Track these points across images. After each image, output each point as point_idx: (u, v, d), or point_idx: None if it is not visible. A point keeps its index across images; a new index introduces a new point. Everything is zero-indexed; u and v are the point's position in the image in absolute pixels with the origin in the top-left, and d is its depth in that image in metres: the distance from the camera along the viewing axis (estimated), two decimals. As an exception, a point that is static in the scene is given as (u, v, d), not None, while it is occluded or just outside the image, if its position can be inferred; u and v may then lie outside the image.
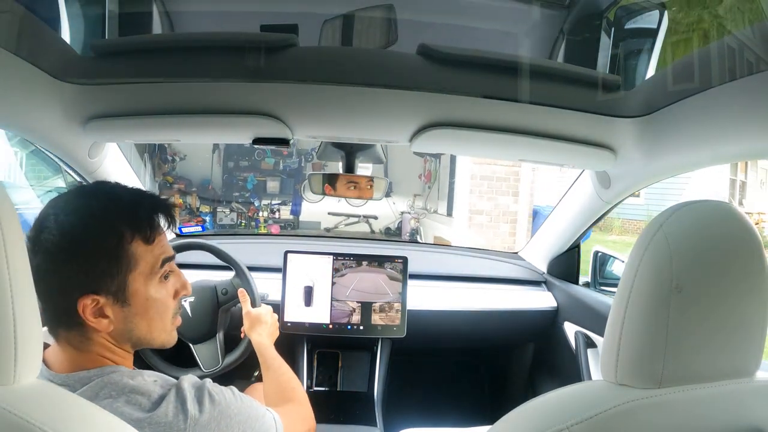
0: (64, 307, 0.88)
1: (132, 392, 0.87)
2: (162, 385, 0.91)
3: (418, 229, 9.13)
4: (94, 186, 0.99)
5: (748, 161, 11.98)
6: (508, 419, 0.76)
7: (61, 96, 1.21)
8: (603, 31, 1.32)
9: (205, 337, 1.76)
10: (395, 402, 2.24)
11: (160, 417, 0.85)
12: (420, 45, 1.13)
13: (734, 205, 0.88)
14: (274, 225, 9.56)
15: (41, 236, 0.87)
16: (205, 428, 0.88)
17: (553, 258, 2.30)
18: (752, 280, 0.71)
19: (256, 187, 9.77)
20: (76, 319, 0.88)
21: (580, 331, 2.00)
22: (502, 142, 1.34)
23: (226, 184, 9.83)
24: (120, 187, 0.99)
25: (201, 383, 0.94)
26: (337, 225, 9.60)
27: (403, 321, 2.00)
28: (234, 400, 0.95)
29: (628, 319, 0.71)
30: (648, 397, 0.69)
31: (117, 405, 0.85)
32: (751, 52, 0.95)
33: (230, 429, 0.91)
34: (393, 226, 9.60)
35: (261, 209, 9.69)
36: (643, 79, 1.27)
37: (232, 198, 9.71)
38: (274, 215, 9.73)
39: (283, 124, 1.30)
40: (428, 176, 9.27)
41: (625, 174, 1.58)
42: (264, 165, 9.81)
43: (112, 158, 1.72)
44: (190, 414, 0.87)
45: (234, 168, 9.85)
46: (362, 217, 9.61)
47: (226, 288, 1.80)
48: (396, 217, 9.51)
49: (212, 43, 1.17)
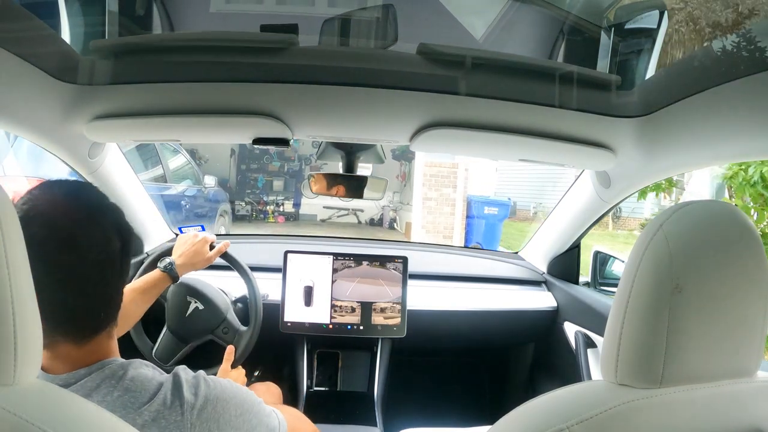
0: (119, 299, 0.94)
1: (129, 382, 0.87)
2: (159, 374, 0.91)
3: (395, 218, 12.22)
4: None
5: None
6: (508, 419, 0.76)
7: (62, 96, 1.21)
8: (603, 31, 1.31)
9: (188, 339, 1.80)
10: (395, 402, 2.24)
11: (158, 405, 0.86)
12: (420, 45, 1.13)
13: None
14: (279, 216, 12.46)
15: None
16: (202, 412, 0.88)
17: (553, 258, 2.30)
18: (752, 280, 0.71)
19: (265, 186, 12.78)
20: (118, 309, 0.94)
21: (580, 331, 2.00)
22: (503, 142, 1.34)
23: (240, 183, 12.62)
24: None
25: (197, 372, 0.95)
26: (330, 216, 12.44)
27: (403, 321, 2.00)
28: (229, 386, 0.95)
29: (628, 319, 0.71)
30: (648, 397, 0.69)
31: (115, 396, 0.85)
32: (750, 52, 0.95)
33: (226, 412, 0.91)
34: (376, 218, 12.55)
35: (269, 203, 12.54)
36: (643, 79, 1.27)
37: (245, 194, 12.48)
38: (279, 208, 12.57)
39: (283, 125, 1.30)
40: (403, 176, 12.13)
41: (625, 174, 1.58)
42: (271, 167, 12.84)
43: (113, 158, 1.72)
44: (187, 401, 0.87)
45: (246, 170, 12.82)
46: (351, 210, 12.45)
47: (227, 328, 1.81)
48: (378, 210, 12.41)
49: (212, 43, 1.17)
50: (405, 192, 11.82)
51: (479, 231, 9.54)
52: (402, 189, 12.15)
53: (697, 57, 1.15)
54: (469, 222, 9.88)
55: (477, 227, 9.61)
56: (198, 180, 6.90)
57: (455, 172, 9.82)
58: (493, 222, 9.59)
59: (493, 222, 9.59)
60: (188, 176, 6.71)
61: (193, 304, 1.76)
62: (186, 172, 6.69)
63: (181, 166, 6.55)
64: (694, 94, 1.06)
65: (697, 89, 1.05)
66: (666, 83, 1.19)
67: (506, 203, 10.12)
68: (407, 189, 11.46)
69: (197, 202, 6.60)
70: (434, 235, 9.73)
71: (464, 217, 9.89)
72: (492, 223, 9.58)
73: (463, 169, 9.93)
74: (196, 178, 6.92)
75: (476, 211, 9.63)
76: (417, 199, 10.09)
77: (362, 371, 2.13)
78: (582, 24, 1.37)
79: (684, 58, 1.23)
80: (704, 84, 1.03)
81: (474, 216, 9.67)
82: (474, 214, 9.68)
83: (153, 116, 1.29)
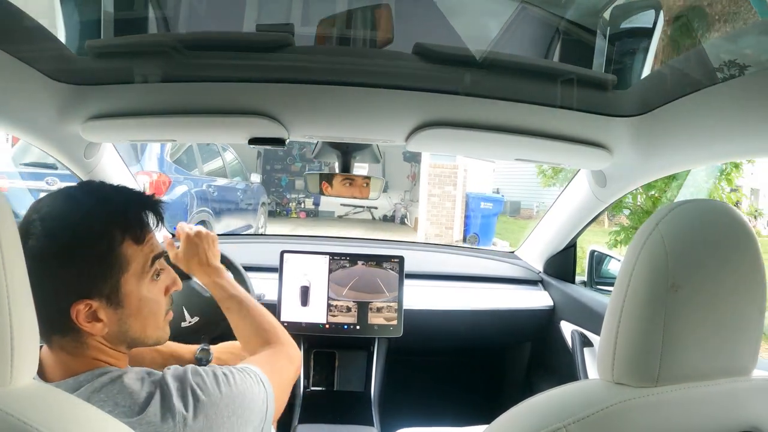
0: (57, 313, 0.86)
1: (119, 394, 0.86)
2: (147, 384, 0.89)
3: (406, 214, 13.82)
4: (79, 187, 0.96)
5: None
6: (505, 418, 0.76)
7: (57, 96, 1.21)
8: (599, 31, 1.32)
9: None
10: (392, 401, 2.24)
11: (150, 419, 0.85)
12: (416, 44, 1.13)
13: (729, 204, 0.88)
14: (301, 212, 14.23)
15: (28, 243, 0.84)
16: (195, 423, 0.87)
17: (550, 257, 2.30)
18: (748, 279, 0.71)
19: (288, 185, 14.43)
20: (70, 324, 0.87)
21: (576, 330, 2.00)
22: (499, 141, 1.34)
23: (266, 182, 13.06)
24: (107, 186, 0.97)
25: (183, 375, 0.92)
26: (347, 213, 14.17)
27: (400, 320, 2.00)
28: (216, 386, 0.93)
29: (625, 317, 0.71)
30: (644, 396, 0.69)
31: (106, 410, 0.83)
32: (745, 52, 0.95)
33: (219, 416, 0.90)
34: (389, 214, 14.10)
35: (291, 201, 14.37)
36: (639, 78, 1.27)
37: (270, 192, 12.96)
38: (300, 205, 14.36)
39: (279, 124, 1.30)
40: (413, 176, 13.67)
41: (621, 173, 1.58)
42: (293, 168, 14.46)
43: (108, 158, 1.72)
44: (178, 413, 0.86)
45: (271, 170, 14.41)
46: (366, 208, 14.07)
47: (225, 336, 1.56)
48: (391, 207, 13.99)
49: (208, 43, 1.16)
50: (414, 190, 13.19)
51: (476, 223, 11.15)
52: (412, 188, 13.60)
53: (692, 56, 1.15)
54: (467, 215, 11.35)
55: (474, 220, 11.20)
56: (245, 176, 8.23)
57: (455, 172, 11.21)
58: (488, 215, 11.20)
59: (488, 215, 11.20)
60: (238, 172, 7.96)
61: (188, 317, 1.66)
62: (235, 168, 7.90)
63: (230, 162, 7.72)
64: (689, 94, 1.07)
65: (692, 89, 1.05)
66: (662, 83, 1.19)
67: (500, 199, 11.83)
68: (416, 188, 12.87)
69: (245, 195, 7.94)
70: (437, 226, 11.21)
71: (463, 210, 11.32)
72: (487, 216, 11.19)
73: (462, 170, 11.32)
74: (244, 174, 8.23)
75: (474, 206, 11.20)
76: (423, 196, 11.52)
77: (359, 371, 2.13)
78: (577, 23, 1.37)
79: (679, 57, 1.23)
80: (700, 83, 1.03)
81: (472, 210, 11.26)
82: (472, 209, 11.25)
83: (149, 116, 1.29)
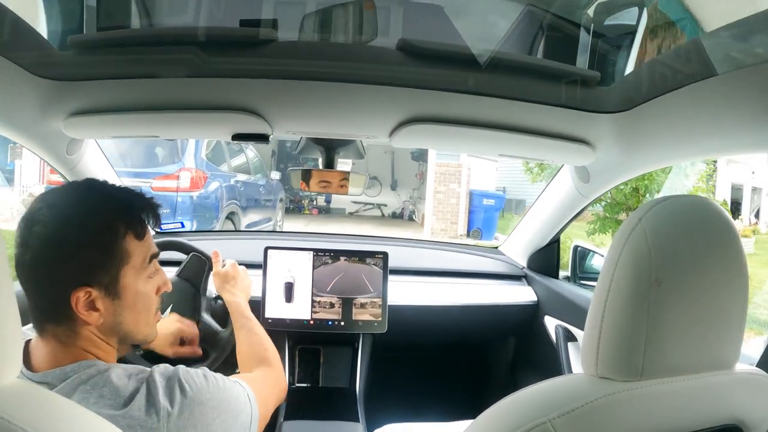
0: (57, 300, 0.89)
1: (105, 388, 0.87)
2: (134, 380, 0.90)
3: (414, 211, 14.15)
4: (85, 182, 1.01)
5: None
6: (490, 413, 0.76)
7: (38, 92, 1.19)
8: (582, 27, 1.32)
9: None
10: (377, 397, 2.24)
11: (134, 413, 0.85)
12: (400, 40, 1.12)
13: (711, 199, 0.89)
14: (314, 209, 14.43)
15: (33, 229, 0.88)
16: (179, 419, 0.88)
17: (533, 252, 2.32)
18: (731, 274, 0.72)
19: None
20: (66, 312, 0.89)
21: (560, 325, 2.02)
22: (482, 137, 1.35)
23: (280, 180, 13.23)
24: (110, 185, 1.01)
25: (172, 372, 0.94)
26: (357, 210, 14.44)
27: (384, 316, 2.00)
28: (205, 385, 0.95)
29: (608, 312, 0.72)
30: (628, 390, 0.70)
31: (91, 401, 0.84)
32: (729, 50, 0.96)
33: (204, 416, 0.91)
34: (398, 211, 14.48)
35: (303, 198, 14.41)
36: (623, 74, 1.28)
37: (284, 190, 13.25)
38: (313, 202, 14.50)
39: (263, 120, 1.29)
40: (421, 175, 13.85)
41: (604, 169, 1.59)
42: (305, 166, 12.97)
43: (91, 155, 1.70)
44: (162, 408, 0.87)
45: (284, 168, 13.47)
46: (375, 205, 14.37)
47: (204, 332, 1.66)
48: (400, 204, 14.40)
49: (191, 38, 1.15)
50: (422, 188, 13.60)
51: (479, 218, 11.75)
52: (420, 186, 13.96)
53: (676, 53, 1.16)
54: (471, 211, 11.95)
55: (477, 215, 11.79)
56: (265, 173, 8.63)
57: (460, 170, 11.94)
58: (490, 211, 11.83)
59: (490, 211, 11.83)
60: (259, 169, 8.33)
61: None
62: (257, 165, 8.28)
63: (252, 159, 8.09)
64: (673, 90, 1.07)
65: (676, 85, 1.05)
66: (645, 79, 1.20)
67: (501, 196, 12.53)
68: (424, 185, 13.30)
69: (266, 191, 8.31)
70: (443, 221, 11.93)
71: (467, 206, 12.00)
72: (490, 211, 11.82)
73: (466, 168, 12.08)
74: (264, 171, 8.64)
75: (477, 202, 11.83)
76: (429, 193, 12.23)
77: (344, 367, 2.12)
78: (561, 20, 1.37)
79: (663, 54, 1.24)
80: (683, 80, 1.03)
81: (475, 206, 11.87)
82: (475, 205, 11.86)
83: (131, 112, 1.28)
